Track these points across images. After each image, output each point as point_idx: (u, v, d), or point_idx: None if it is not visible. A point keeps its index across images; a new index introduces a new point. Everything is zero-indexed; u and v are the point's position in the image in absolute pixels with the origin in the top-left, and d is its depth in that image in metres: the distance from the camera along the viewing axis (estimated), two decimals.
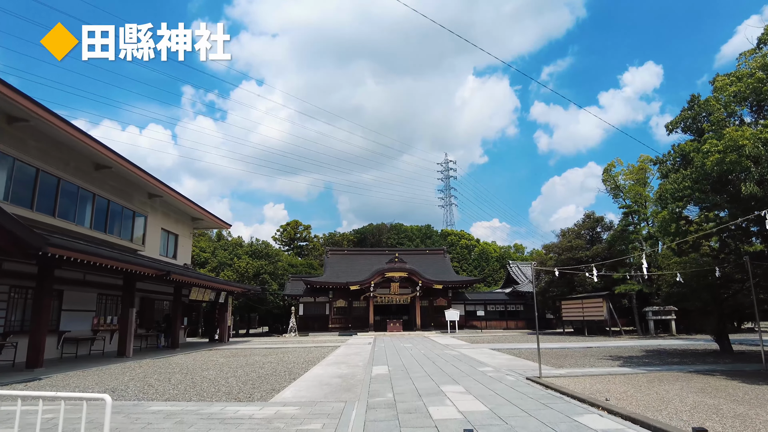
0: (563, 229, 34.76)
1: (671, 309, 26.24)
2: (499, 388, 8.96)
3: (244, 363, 14.77)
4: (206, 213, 27.86)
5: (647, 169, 29.55)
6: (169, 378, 11.03)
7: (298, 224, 57.10)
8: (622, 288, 26.91)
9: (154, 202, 23.71)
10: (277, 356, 17.11)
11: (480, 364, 13.25)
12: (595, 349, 18.62)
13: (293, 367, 13.35)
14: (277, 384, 9.94)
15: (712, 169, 9.86)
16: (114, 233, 19.71)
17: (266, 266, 37.27)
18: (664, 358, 14.30)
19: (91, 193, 17.88)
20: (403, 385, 9.46)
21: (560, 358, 14.99)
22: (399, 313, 39.71)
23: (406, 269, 35.20)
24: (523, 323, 40.43)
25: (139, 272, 16.49)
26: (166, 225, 25.43)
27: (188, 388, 9.49)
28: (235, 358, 16.91)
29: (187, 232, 28.40)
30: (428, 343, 23.43)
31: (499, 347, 19.83)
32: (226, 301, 28.27)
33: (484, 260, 62.70)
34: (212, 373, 11.93)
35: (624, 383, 9.38)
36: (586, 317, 28.91)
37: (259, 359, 16.06)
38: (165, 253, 25.40)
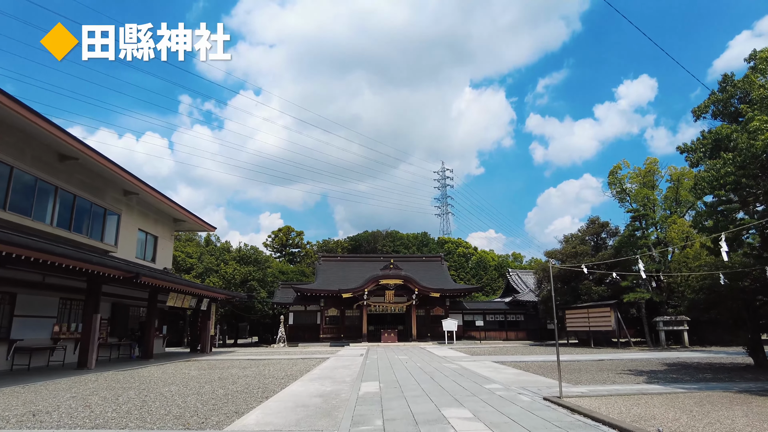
0: (566, 235, 33.24)
1: (683, 319, 24.62)
2: (515, 412, 7.27)
3: (217, 377, 13.00)
4: (188, 214, 26.12)
5: (656, 171, 28.15)
6: (117, 396, 9.25)
7: (290, 230, 55.17)
8: (632, 296, 25.28)
9: (130, 201, 21.98)
10: (257, 369, 15.32)
11: (485, 380, 11.53)
12: (608, 362, 16.95)
13: (270, 382, 11.60)
14: (243, 405, 8.21)
15: (765, 150, 8.31)
16: (82, 232, 17.95)
17: (255, 273, 35.42)
18: (693, 374, 12.63)
19: (52, 186, 16.14)
20: (396, 408, 7.76)
21: (573, 372, 13.30)
22: (394, 323, 37.90)
23: (401, 276, 33.45)
24: (523, 334, 38.68)
25: (103, 273, 14.76)
26: (144, 226, 23.67)
27: (132, 410, 7.73)
28: (210, 370, 15.12)
29: (168, 234, 26.62)
30: (425, 354, 21.66)
31: (502, 360, 18.13)
32: (208, 308, 26.44)
33: (482, 269, 60.99)
34: (174, 390, 10.17)
35: (667, 406, 7.71)
36: (592, 327, 27.24)
37: (236, 372, 14.27)
38: (142, 255, 23.60)
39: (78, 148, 16.03)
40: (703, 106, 12.24)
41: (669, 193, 27.56)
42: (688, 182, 27.42)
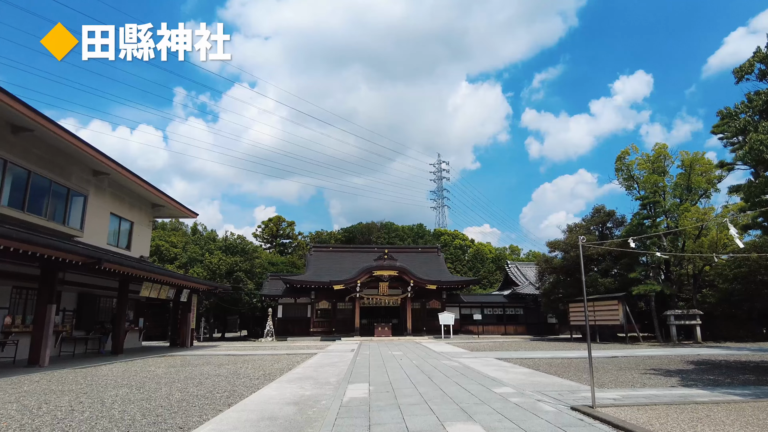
0: (570, 225, 31.56)
1: (696, 313, 23.08)
2: (541, 429, 5.59)
3: (184, 376, 11.28)
4: (167, 198, 24.23)
5: (666, 157, 26.53)
6: (42, 403, 7.50)
7: (281, 220, 53.07)
8: (641, 288, 23.69)
9: (101, 182, 20.08)
10: (233, 367, 13.60)
11: (493, 382, 9.86)
12: (623, 360, 15.35)
13: (242, 383, 9.88)
14: (195, 416, 6.48)
15: None
16: (40, 213, 16.07)
17: (241, 263, 33.59)
18: (731, 374, 11.04)
19: (1, 160, 14.25)
20: (388, 422, 6.05)
21: (588, 371, 11.68)
22: (388, 316, 36.29)
23: (396, 267, 31.78)
24: (523, 328, 37.18)
25: (57, 258, 12.93)
26: (118, 210, 21.78)
27: (44, 425, 5.98)
28: (180, 368, 13.41)
29: (145, 220, 24.74)
30: (421, 350, 20.02)
31: (506, 356, 16.50)
32: (189, 300, 24.67)
33: (479, 261, 59.43)
34: (121, 394, 8.43)
35: (741, 423, 6.05)
36: (598, 321, 25.68)
37: (207, 371, 12.56)
38: (115, 242, 21.74)
39: (31, 117, 14.09)
40: (747, 65, 10.55)
41: (680, 179, 25.95)
42: (700, 168, 25.86)
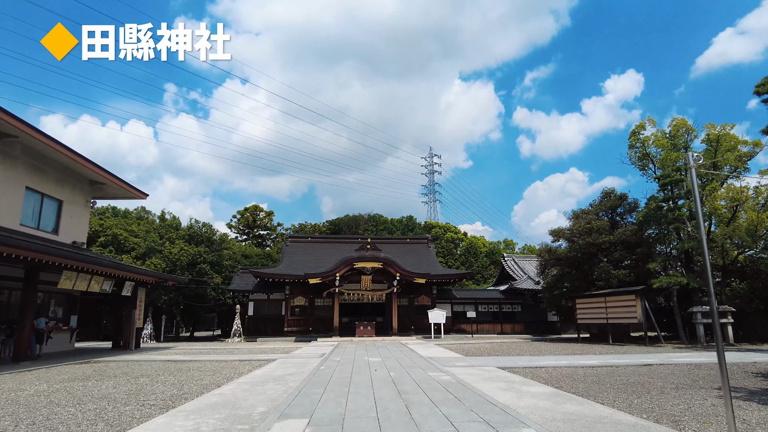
0: (575, 211, 28.13)
1: (728, 310, 19.74)
2: None
3: (55, 400, 7.63)
4: (106, 174, 20.34)
5: (690, 130, 23.16)
6: None
7: (258, 209, 48.93)
8: (664, 281, 20.30)
9: (10, 147, 16.19)
10: (147, 382, 9.93)
11: (504, 415, 6.28)
12: (663, 370, 11.90)
13: (110, 419, 6.22)
14: None
15: None
16: None
17: (206, 254, 29.77)
18: None
19: None
20: None
21: (632, 391, 8.17)
22: (372, 314, 32.80)
23: (380, 258, 28.16)
24: (521, 327, 33.81)
25: None
26: (37, 185, 17.92)
27: None
28: (73, 383, 9.84)
29: (80, 200, 20.87)
30: (405, 354, 16.44)
31: (510, 365, 12.97)
32: (134, 294, 20.92)
33: (472, 255, 56.02)
34: None
35: None
36: (611, 319, 22.28)
37: (104, 389, 8.90)
38: (35, 223, 17.91)
39: None
40: None
41: (705, 156, 22.60)
42: (727, 144, 22.55)
